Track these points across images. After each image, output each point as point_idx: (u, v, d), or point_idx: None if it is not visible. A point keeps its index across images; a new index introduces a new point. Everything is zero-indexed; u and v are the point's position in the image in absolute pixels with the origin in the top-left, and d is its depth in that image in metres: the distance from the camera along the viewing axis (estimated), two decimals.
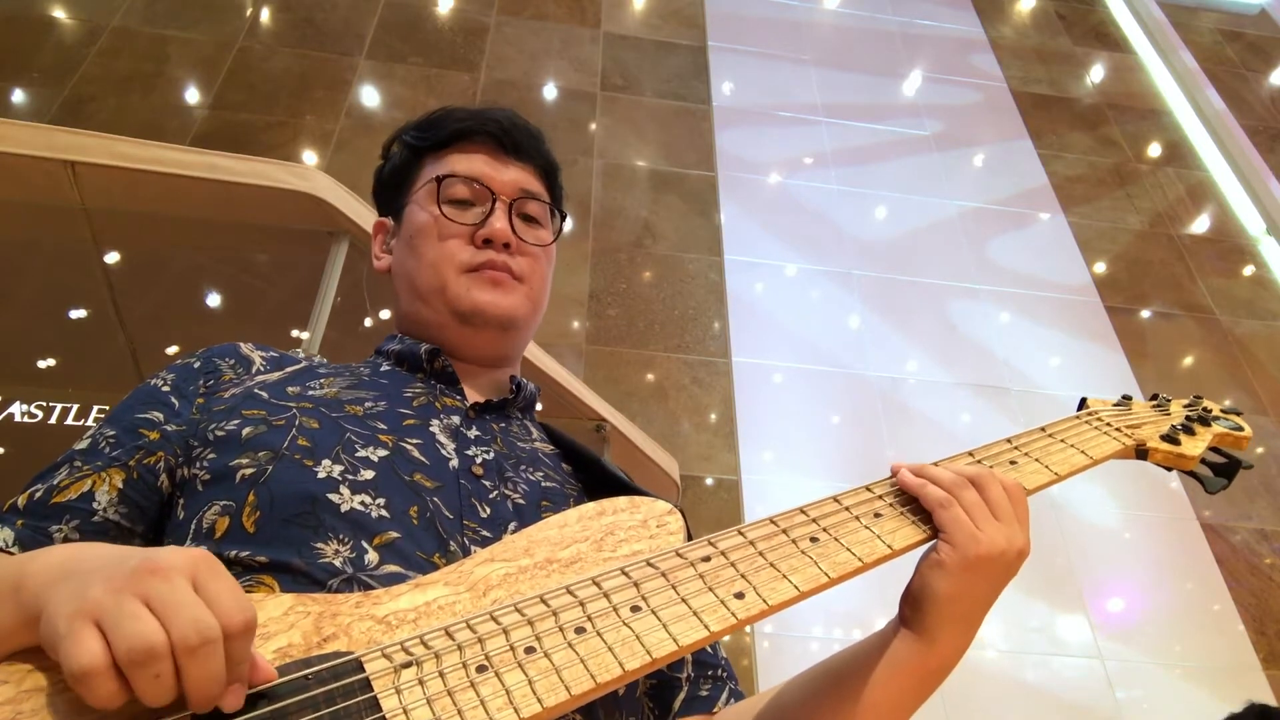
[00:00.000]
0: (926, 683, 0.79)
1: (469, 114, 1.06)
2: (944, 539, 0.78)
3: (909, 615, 0.79)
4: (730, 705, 0.92)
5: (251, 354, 0.96)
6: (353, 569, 0.73)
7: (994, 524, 0.78)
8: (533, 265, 1.03)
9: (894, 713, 0.79)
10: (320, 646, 0.61)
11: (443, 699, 0.58)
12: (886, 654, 0.79)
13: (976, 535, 0.77)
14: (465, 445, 0.90)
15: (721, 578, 0.70)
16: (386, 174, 1.11)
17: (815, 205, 4.83)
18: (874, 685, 0.78)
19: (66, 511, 0.78)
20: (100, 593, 0.52)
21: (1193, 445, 0.99)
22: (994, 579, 0.78)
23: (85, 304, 2.73)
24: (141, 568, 0.53)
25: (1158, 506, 3.97)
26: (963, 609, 0.78)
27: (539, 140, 1.09)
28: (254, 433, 0.82)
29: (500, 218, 1.01)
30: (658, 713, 0.90)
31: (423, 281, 1.01)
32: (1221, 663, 3.53)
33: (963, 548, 0.76)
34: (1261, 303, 4.94)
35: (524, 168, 1.06)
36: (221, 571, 0.56)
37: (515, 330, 1.02)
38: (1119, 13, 6.70)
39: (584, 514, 0.77)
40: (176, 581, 0.53)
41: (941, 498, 0.79)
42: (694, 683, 0.93)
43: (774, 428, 3.91)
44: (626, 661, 0.62)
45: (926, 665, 0.78)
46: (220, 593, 0.54)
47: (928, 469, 0.83)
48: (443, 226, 1.00)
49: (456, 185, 1.02)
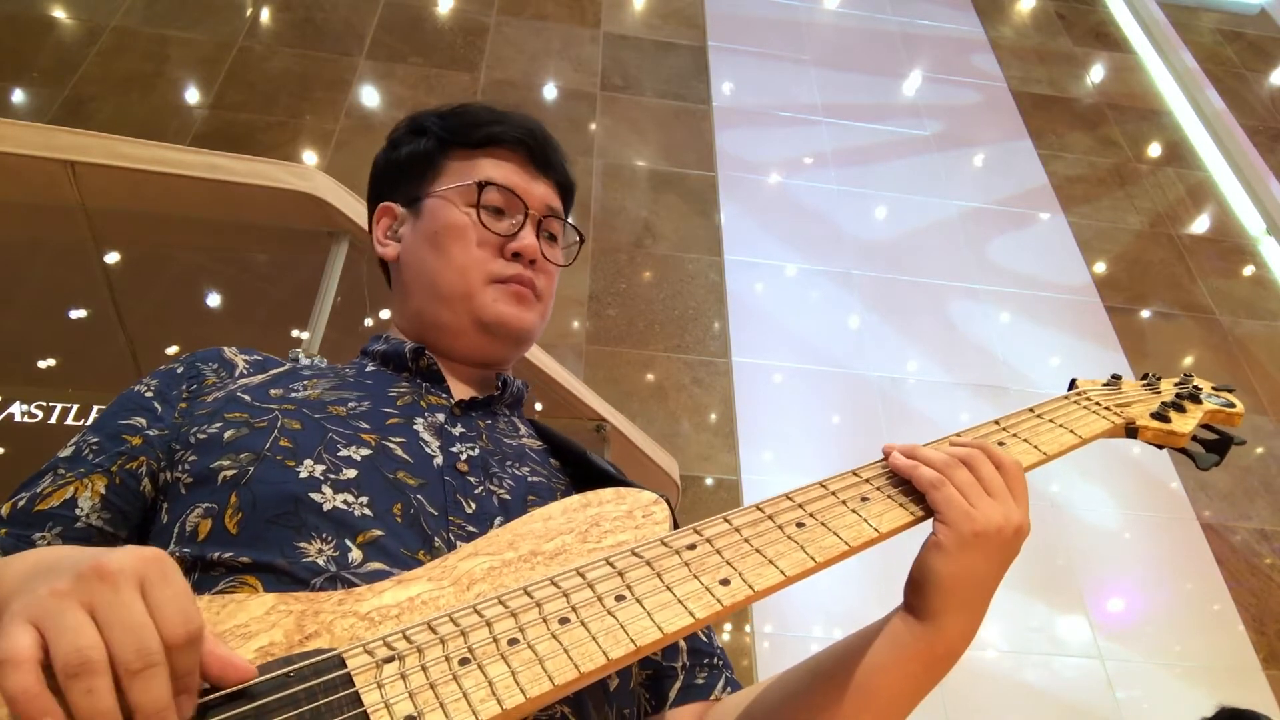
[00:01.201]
0: (933, 669, 0.78)
1: (500, 117, 1.06)
2: (939, 519, 0.78)
3: (913, 601, 0.79)
4: (727, 694, 0.92)
5: (235, 358, 0.96)
6: (336, 567, 0.73)
7: (988, 501, 0.78)
8: (548, 283, 1.04)
9: (898, 700, 0.78)
10: (302, 644, 0.61)
11: (425, 692, 0.58)
12: (892, 640, 0.78)
13: (971, 513, 0.77)
14: (450, 442, 0.90)
15: (707, 565, 0.70)
16: (404, 158, 1.08)
17: (815, 205, 4.83)
18: (879, 671, 0.78)
19: (49, 519, 0.79)
20: (44, 594, 0.51)
21: (1183, 422, 0.98)
22: (994, 558, 0.78)
23: (85, 304, 2.73)
24: (90, 571, 0.52)
25: (1158, 506, 3.97)
26: (966, 591, 0.77)
27: (564, 157, 1.11)
28: (236, 435, 0.82)
29: (530, 233, 1.01)
30: (654, 703, 0.90)
31: (446, 283, 0.99)
32: (1221, 663, 3.52)
33: (958, 526, 0.76)
34: (1261, 303, 4.93)
35: (549, 184, 1.08)
36: (171, 576, 0.54)
37: (526, 344, 1.04)
38: (1119, 13, 6.70)
39: (569, 506, 0.77)
40: (123, 589, 0.52)
41: (934, 478, 0.79)
42: (689, 671, 0.92)
43: (774, 428, 3.91)
44: (610, 650, 0.62)
45: (934, 651, 0.77)
46: (165, 601, 0.53)
47: (920, 450, 0.83)
48: (479, 233, 1.00)
49: (493, 192, 1.01)
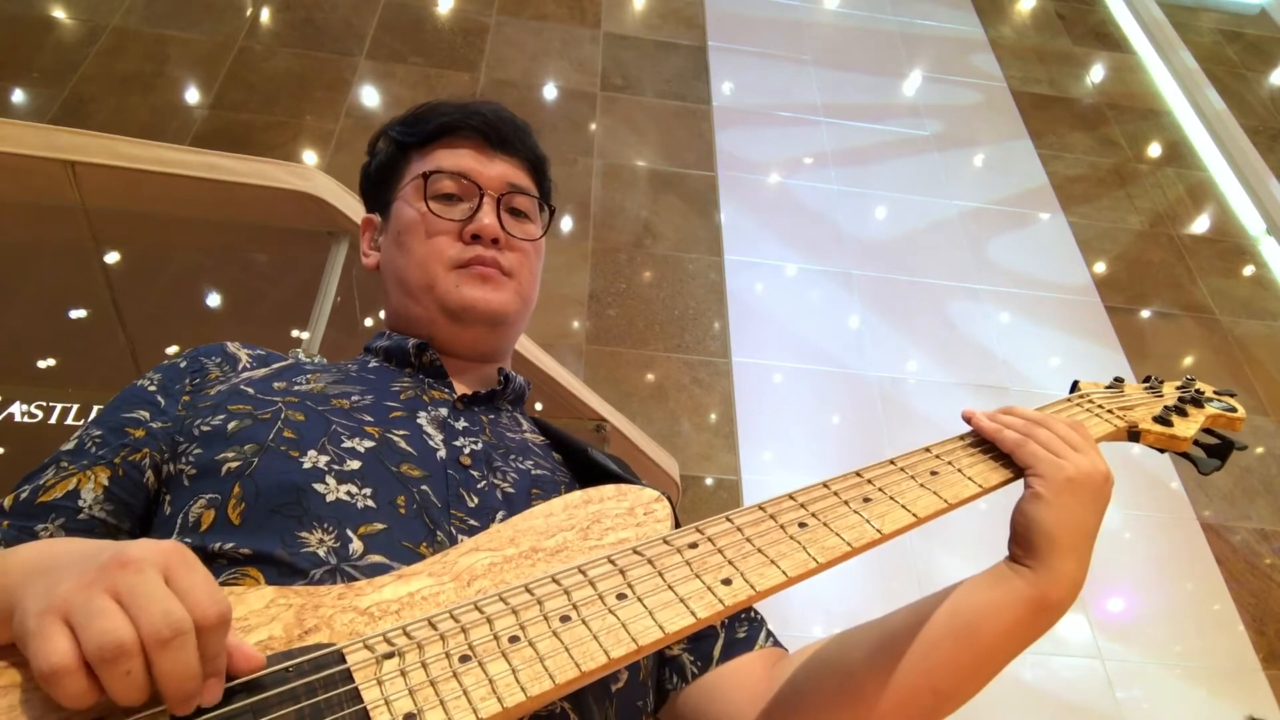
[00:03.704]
0: (1040, 617, 0.78)
1: (454, 108, 1.07)
2: (1031, 473, 0.81)
3: (1020, 552, 0.80)
4: (770, 644, 0.92)
5: (238, 352, 0.97)
6: (336, 559, 0.73)
7: (1073, 452, 0.82)
8: (521, 260, 1.03)
9: (1001, 647, 0.78)
10: (302, 639, 0.61)
11: (425, 689, 0.58)
12: (1002, 585, 0.79)
13: (1060, 463, 0.81)
14: (453, 436, 0.90)
15: (709, 564, 0.70)
16: (373, 170, 1.11)
17: (815, 205, 4.83)
18: (986, 615, 0.78)
19: (52, 510, 0.78)
20: (69, 588, 0.51)
21: (1185, 426, 0.98)
22: (1089, 504, 0.81)
23: (85, 304, 2.73)
24: (112, 562, 0.52)
25: (1158, 506, 3.96)
26: (1071, 536, 0.79)
27: (526, 133, 1.09)
28: (239, 427, 0.82)
29: (488, 213, 1.00)
30: (699, 665, 0.89)
31: (411, 278, 1.00)
32: (1221, 663, 3.52)
33: (1052, 475, 0.80)
34: (1261, 303, 4.93)
35: (511, 161, 1.06)
36: (194, 564, 0.55)
37: (504, 326, 1.02)
38: (1119, 13, 6.69)
39: (570, 502, 0.77)
40: (147, 574, 0.52)
41: (1018, 437, 0.83)
42: (729, 628, 0.92)
43: (774, 428, 3.91)
44: (612, 650, 0.62)
45: (1045, 597, 0.78)
46: (193, 585, 0.53)
47: (999, 415, 0.87)
48: (430, 223, 1.00)
49: (443, 180, 1.02)
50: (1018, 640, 0.78)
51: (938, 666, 0.77)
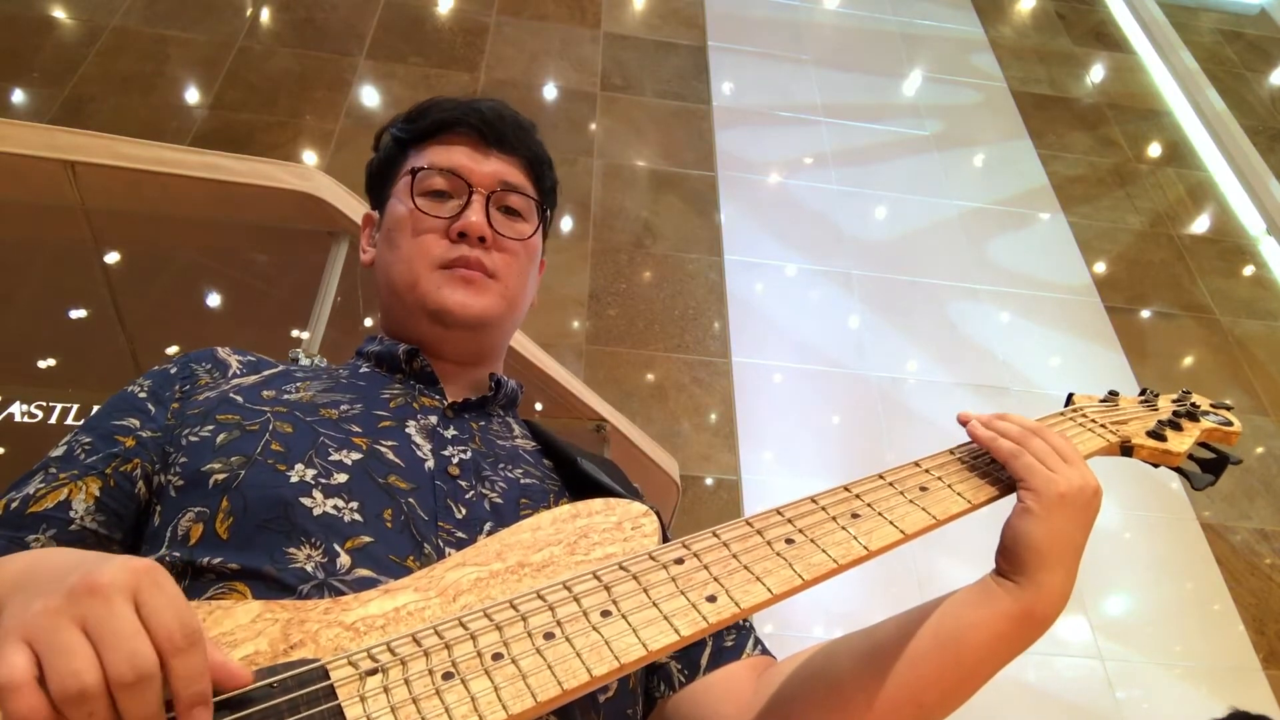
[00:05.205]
0: (1025, 630, 0.78)
1: (454, 104, 1.05)
2: (1023, 486, 0.81)
3: (1007, 566, 0.80)
4: (758, 652, 0.91)
5: (228, 358, 0.96)
6: (324, 574, 0.72)
7: (1065, 465, 0.82)
8: (509, 261, 1.00)
9: (986, 660, 0.77)
10: (287, 654, 0.61)
11: (407, 707, 0.57)
12: (987, 599, 0.79)
13: (1053, 478, 0.80)
14: (442, 445, 0.89)
15: (694, 581, 0.69)
16: (375, 167, 1.10)
17: (815, 205, 4.82)
18: (971, 628, 0.77)
19: (43, 521, 0.78)
20: (36, 612, 0.51)
21: (1179, 441, 0.97)
22: (1078, 519, 0.80)
23: (85, 304, 2.72)
24: (80, 586, 0.52)
25: (1158, 506, 3.96)
26: (1060, 551, 0.78)
27: (527, 132, 1.07)
28: (228, 438, 0.81)
29: (476, 210, 0.98)
30: (687, 673, 0.89)
31: (396, 275, 0.99)
32: (1221, 663, 3.52)
33: (1043, 490, 0.79)
34: (1261, 303, 4.92)
35: (507, 159, 1.04)
36: (165, 584, 0.54)
37: (488, 330, 1.00)
38: (1119, 13, 6.68)
39: (558, 517, 0.77)
40: (115, 603, 0.51)
41: (1012, 448, 0.82)
42: (717, 636, 0.91)
43: (774, 428, 3.91)
44: (594, 668, 0.62)
45: (1031, 611, 0.77)
46: (160, 608, 0.52)
47: (995, 422, 0.86)
48: (417, 220, 0.98)
49: (432, 177, 1.00)
50: (1002, 655, 0.78)
51: (922, 679, 0.77)
